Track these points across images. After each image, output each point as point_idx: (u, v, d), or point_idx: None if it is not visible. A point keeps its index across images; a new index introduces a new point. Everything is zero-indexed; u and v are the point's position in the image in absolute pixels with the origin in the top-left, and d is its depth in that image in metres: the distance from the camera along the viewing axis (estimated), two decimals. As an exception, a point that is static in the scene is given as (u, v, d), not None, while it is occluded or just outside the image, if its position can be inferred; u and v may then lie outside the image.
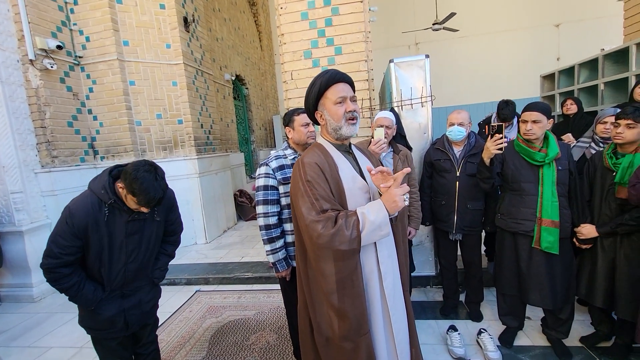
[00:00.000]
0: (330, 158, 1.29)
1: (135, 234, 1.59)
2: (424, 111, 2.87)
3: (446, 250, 2.62)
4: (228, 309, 2.99)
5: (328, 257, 1.19)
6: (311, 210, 1.18)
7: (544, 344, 2.21)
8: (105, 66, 4.15)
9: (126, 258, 1.58)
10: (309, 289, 1.32)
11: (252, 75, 8.05)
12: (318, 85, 1.29)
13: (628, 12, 3.83)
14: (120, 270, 1.59)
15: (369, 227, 1.15)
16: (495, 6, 8.38)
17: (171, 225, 1.81)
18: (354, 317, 1.21)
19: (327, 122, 1.31)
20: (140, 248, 1.62)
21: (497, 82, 8.41)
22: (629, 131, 1.76)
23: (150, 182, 1.42)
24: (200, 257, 4.26)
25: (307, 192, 1.20)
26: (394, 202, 1.16)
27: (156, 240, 1.72)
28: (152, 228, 1.66)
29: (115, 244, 1.54)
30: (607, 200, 1.92)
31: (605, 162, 1.92)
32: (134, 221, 1.57)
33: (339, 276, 1.19)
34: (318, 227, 1.15)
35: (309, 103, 1.34)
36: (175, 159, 4.56)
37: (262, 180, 1.84)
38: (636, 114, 1.73)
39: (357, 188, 1.29)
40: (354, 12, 3.14)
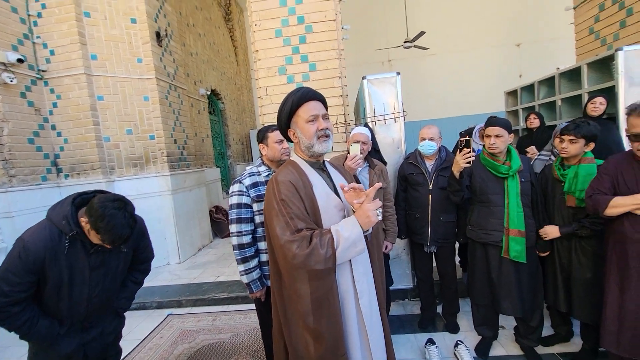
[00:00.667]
0: (304, 176, 1.28)
1: (100, 267, 1.47)
2: (396, 126, 2.94)
3: (422, 263, 2.65)
4: (202, 333, 2.85)
5: (303, 277, 1.16)
6: (285, 230, 1.15)
7: (518, 352, 2.26)
8: (71, 80, 3.98)
9: (89, 292, 1.46)
10: (284, 311, 1.29)
11: (228, 90, 8.01)
12: (290, 103, 1.29)
13: (578, 34, 4.17)
14: (82, 304, 1.46)
15: (344, 244, 1.13)
16: (462, 26, 8.88)
17: (141, 254, 1.70)
18: (331, 338, 1.18)
19: (300, 140, 1.30)
20: (105, 281, 1.51)
21: (465, 98, 8.83)
22: (572, 146, 1.92)
23: (119, 220, 1.31)
24: (173, 278, 4.07)
25: (282, 211, 1.18)
26: (367, 218, 1.15)
27: (123, 270, 1.61)
28: (119, 259, 1.55)
29: (77, 278, 1.42)
30: (559, 209, 2.05)
31: (554, 174, 2.05)
32: (97, 253, 1.45)
33: (315, 296, 1.17)
34: (293, 247, 1.12)
35: (281, 121, 1.34)
36: (146, 176, 4.40)
37: (235, 198, 1.79)
38: (577, 130, 1.88)
39: (332, 206, 1.28)
40: (327, 30, 3.22)
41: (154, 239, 1.89)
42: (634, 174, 1.56)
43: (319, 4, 3.19)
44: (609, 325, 1.63)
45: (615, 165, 1.65)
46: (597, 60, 3.14)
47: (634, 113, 1.48)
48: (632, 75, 2.76)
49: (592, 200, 1.67)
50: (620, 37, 3.48)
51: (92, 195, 1.43)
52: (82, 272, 1.42)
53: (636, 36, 3.29)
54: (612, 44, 3.57)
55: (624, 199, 1.55)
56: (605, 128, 2.69)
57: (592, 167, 1.90)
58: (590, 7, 3.89)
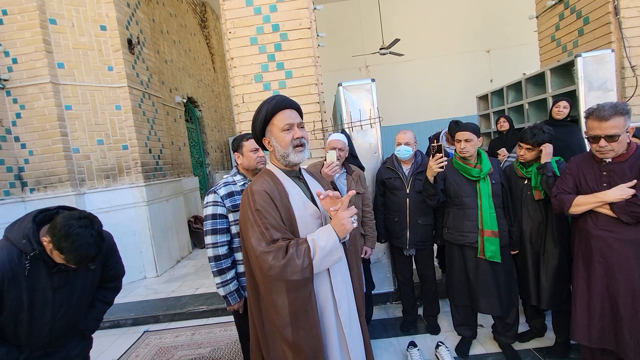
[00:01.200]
0: (280, 185, 1.26)
1: (64, 287, 1.37)
2: (373, 132, 2.99)
3: (402, 266, 2.68)
4: (180, 349, 2.75)
5: (280, 288, 1.14)
6: (261, 240, 1.13)
7: (496, 350, 2.31)
8: (36, 90, 3.80)
9: (53, 315, 1.35)
10: (261, 323, 1.26)
11: (206, 97, 7.89)
12: (264, 112, 1.26)
13: (542, 41, 4.38)
14: (45, 328, 1.35)
15: (320, 253, 1.12)
16: (435, 34, 9.17)
17: (110, 271, 1.59)
18: (309, 350, 1.16)
19: (275, 148, 1.28)
20: (70, 302, 1.40)
21: (440, 102, 9.09)
22: (529, 153, 2.06)
23: (85, 239, 1.22)
24: (149, 292, 3.91)
25: (257, 221, 1.16)
26: (342, 226, 1.15)
27: (91, 289, 1.51)
28: (86, 278, 1.45)
29: (38, 300, 1.31)
30: (526, 204, 2.14)
31: (518, 173, 2.16)
32: (61, 272, 1.34)
33: (293, 308, 1.15)
34: (268, 259, 1.10)
35: (256, 130, 1.31)
36: (119, 187, 4.24)
37: (210, 208, 1.76)
38: (533, 140, 2.00)
39: (309, 214, 1.26)
40: (302, 37, 3.24)
41: (130, 252, 1.82)
42: (594, 173, 1.65)
43: (294, 12, 3.21)
44: (579, 319, 1.70)
45: (577, 165, 1.73)
46: (559, 66, 3.32)
47: (591, 116, 1.57)
48: (590, 80, 2.93)
49: (557, 199, 1.75)
50: (579, 44, 3.69)
51: (55, 212, 1.35)
52: (44, 293, 1.32)
53: (593, 43, 3.50)
54: (572, 51, 3.77)
55: (586, 197, 1.63)
56: (568, 130, 2.84)
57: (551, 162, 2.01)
58: (551, 16, 4.11)
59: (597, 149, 1.57)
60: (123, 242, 4.22)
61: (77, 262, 1.26)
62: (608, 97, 2.91)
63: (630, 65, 3.29)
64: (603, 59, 2.93)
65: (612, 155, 1.56)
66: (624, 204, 1.50)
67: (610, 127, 1.49)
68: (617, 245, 1.55)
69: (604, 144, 1.52)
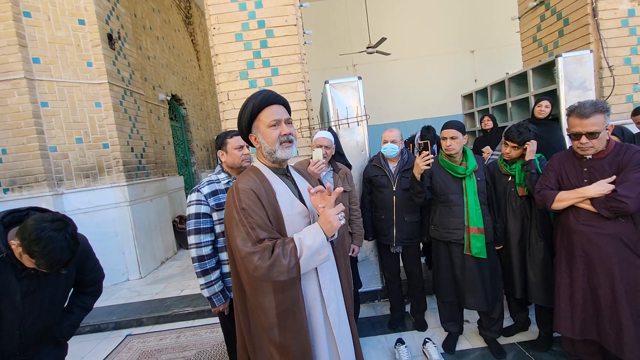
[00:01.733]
0: (266, 183, 1.22)
1: (34, 293, 1.30)
2: (360, 129, 2.98)
3: (389, 263, 2.69)
4: (165, 352, 2.68)
5: (267, 289, 1.11)
6: (247, 240, 1.09)
7: (482, 345, 2.35)
8: (9, 85, 3.63)
9: (21, 322, 1.29)
10: (247, 325, 1.22)
11: (191, 95, 7.73)
12: (250, 107, 1.22)
13: (524, 42, 4.48)
14: (13, 336, 1.28)
15: (307, 252, 1.09)
16: (421, 33, 9.27)
17: (87, 275, 1.52)
18: (297, 351, 1.14)
19: (262, 145, 1.25)
20: (41, 308, 1.33)
21: (426, 101, 9.21)
22: (514, 151, 2.11)
23: (58, 243, 1.17)
24: (132, 295, 3.80)
25: (242, 220, 1.12)
26: (329, 223, 1.12)
27: (64, 294, 1.44)
28: (58, 283, 1.38)
29: (6, 306, 1.25)
30: (509, 200, 2.19)
31: (502, 170, 2.20)
32: (30, 277, 1.28)
33: (280, 309, 1.12)
34: (254, 259, 1.07)
35: (242, 125, 1.27)
36: (100, 187, 4.10)
37: (193, 207, 1.71)
38: (520, 139, 2.04)
39: (296, 213, 1.23)
40: (288, 34, 3.20)
41: (112, 254, 1.76)
42: (575, 170, 1.69)
43: (279, 9, 3.17)
44: (563, 312, 1.74)
45: (559, 162, 1.77)
46: (540, 66, 3.40)
47: (573, 114, 1.60)
48: (570, 79, 3.01)
49: (540, 195, 1.78)
50: (560, 44, 3.79)
51: (25, 214, 1.28)
52: (13, 298, 1.26)
53: (573, 44, 3.60)
54: (553, 51, 3.87)
55: (568, 193, 1.67)
56: (549, 129, 2.90)
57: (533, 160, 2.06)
58: (532, 17, 4.20)
59: (578, 145, 1.60)
60: (104, 244, 4.13)
61: (49, 267, 1.19)
62: (587, 96, 2.99)
63: (608, 66, 3.40)
64: (582, 59, 3.01)
65: (592, 152, 1.60)
66: (604, 199, 1.54)
67: (591, 124, 1.53)
68: (597, 239, 1.59)
69: (585, 140, 1.55)
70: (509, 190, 2.16)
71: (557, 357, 2.13)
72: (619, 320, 1.55)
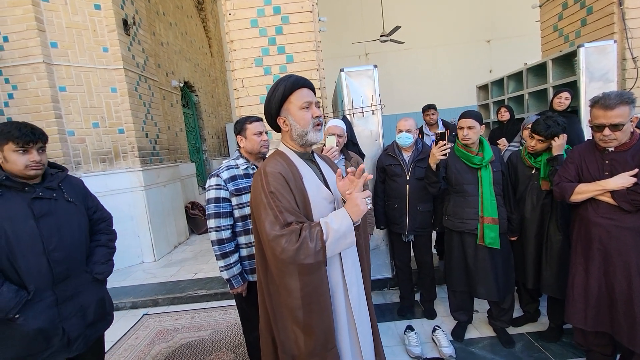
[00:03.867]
0: (294, 167, 1.22)
1: (48, 216, 1.41)
2: (374, 119, 2.97)
3: (400, 252, 2.72)
4: (180, 331, 2.78)
5: (293, 272, 1.13)
6: (275, 224, 1.10)
7: (491, 334, 2.38)
8: (29, 70, 3.70)
9: (45, 245, 1.38)
10: (272, 306, 1.25)
11: (202, 82, 7.75)
12: (282, 89, 1.21)
13: (544, 31, 4.35)
14: (41, 261, 1.38)
15: (334, 236, 1.10)
16: (436, 22, 9.07)
17: (95, 213, 1.67)
18: (321, 332, 1.16)
19: (292, 128, 1.24)
20: (61, 233, 1.44)
21: (439, 92, 9.05)
22: (540, 144, 2.07)
23: (12, 123, 1.38)
24: (147, 276, 3.92)
25: (270, 204, 1.12)
26: (356, 207, 1.13)
27: (80, 225, 1.54)
28: (70, 211, 1.50)
29: (23, 230, 1.35)
30: (530, 194, 2.16)
31: (526, 162, 2.16)
32: (41, 200, 1.41)
33: (305, 291, 1.14)
34: (282, 242, 1.08)
35: (271, 108, 1.25)
36: (116, 172, 4.19)
37: (212, 192, 1.74)
38: (546, 133, 1.99)
39: (323, 198, 1.24)
40: (304, 21, 3.17)
41: (127, 236, 1.84)
42: (596, 162, 1.67)
43: (296, -6, 3.14)
44: (577, 304, 1.75)
45: (580, 154, 1.75)
46: (560, 56, 3.31)
47: (597, 105, 1.57)
48: (592, 70, 2.93)
49: (559, 187, 1.77)
50: (582, 34, 3.68)
51: None
52: (27, 222, 1.36)
53: (596, 34, 3.48)
54: (574, 41, 3.76)
55: (587, 185, 1.65)
56: (568, 121, 2.84)
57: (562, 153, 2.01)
58: (554, 5, 4.07)
59: (601, 137, 1.58)
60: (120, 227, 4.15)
61: (22, 135, 1.35)
62: (609, 88, 2.92)
63: (632, 57, 3.29)
64: (605, 49, 2.92)
65: (615, 144, 1.57)
66: (625, 192, 1.52)
67: (616, 115, 1.50)
68: (616, 232, 1.58)
69: (608, 132, 1.53)
70: (531, 183, 2.14)
71: (566, 348, 2.15)
72: (634, 313, 1.55)
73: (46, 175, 1.49)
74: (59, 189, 1.50)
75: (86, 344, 1.51)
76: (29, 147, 1.36)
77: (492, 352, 2.20)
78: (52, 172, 1.52)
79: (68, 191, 1.52)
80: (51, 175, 1.50)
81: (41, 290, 1.38)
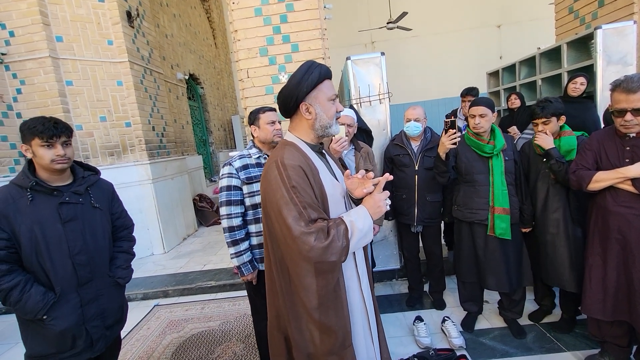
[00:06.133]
0: (309, 160, 1.18)
1: (74, 221, 1.44)
2: (382, 108, 2.91)
3: (409, 243, 2.69)
4: (190, 322, 2.82)
5: (311, 269, 1.09)
6: (299, 220, 1.05)
7: (502, 325, 2.35)
8: (36, 64, 3.71)
9: (70, 249, 1.42)
10: (285, 304, 1.21)
11: (208, 74, 7.71)
12: (317, 74, 1.14)
13: (559, 14, 4.19)
14: (67, 263, 1.41)
15: (358, 235, 1.09)
16: (444, 8, 8.82)
17: (118, 219, 1.69)
18: (339, 330, 1.14)
19: (317, 117, 1.17)
20: (85, 237, 1.47)
21: (448, 79, 8.86)
22: (547, 127, 1.96)
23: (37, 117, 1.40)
24: (158, 268, 3.98)
25: (294, 199, 1.06)
26: (378, 208, 1.12)
27: (104, 231, 1.57)
28: (95, 216, 1.53)
29: (51, 233, 1.39)
30: (543, 182, 2.09)
31: (537, 150, 2.07)
32: (68, 205, 1.44)
33: (324, 290, 1.12)
34: (310, 240, 1.03)
35: (300, 91, 1.14)
36: (124, 165, 4.22)
37: (225, 180, 1.77)
38: (545, 112, 1.92)
39: (338, 193, 1.22)
40: (309, 8, 3.09)
41: (137, 229, 1.85)
42: (616, 149, 1.60)
43: (300, -19, 3.06)
44: (594, 295, 1.71)
45: (598, 141, 1.68)
46: (576, 40, 3.18)
47: (618, 89, 1.49)
48: (609, 53, 2.81)
49: (575, 175, 1.71)
50: (599, 15, 3.52)
51: None
52: (54, 226, 1.40)
53: (614, 15, 3.33)
54: (591, 23, 3.61)
55: (607, 173, 1.59)
56: (584, 107, 2.75)
57: (572, 138, 1.96)
58: (569, -14, 3.91)
59: (622, 123, 1.51)
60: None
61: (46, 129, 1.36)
62: (627, 71, 2.80)
63: (652, 38, 3.14)
64: (624, 31, 2.79)
65: (637, 129, 1.50)
66: None
67: (638, 100, 1.42)
68: (636, 221, 1.52)
69: (630, 117, 1.46)
70: (543, 171, 2.07)
71: (579, 339, 2.12)
72: (653, 302, 1.51)
73: (77, 177, 1.51)
74: (87, 193, 1.52)
75: (106, 344, 1.56)
76: (53, 141, 1.37)
77: (502, 342, 2.18)
78: (83, 175, 1.53)
79: (96, 196, 1.55)
80: (82, 179, 1.52)
81: (67, 292, 1.42)
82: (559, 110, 1.94)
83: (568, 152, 1.93)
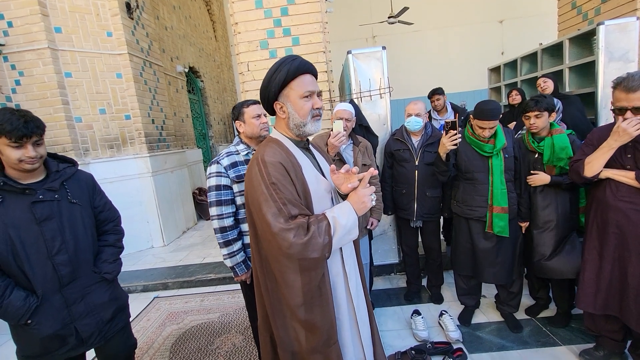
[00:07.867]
0: (292, 156, 1.16)
1: (50, 220, 1.36)
2: (382, 102, 2.90)
3: (408, 238, 2.70)
4: (190, 314, 2.84)
5: (295, 267, 1.08)
6: (279, 216, 1.04)
7: (498, 319, 2.37)
8: (34, 55, 3.68)
9: (48, 250, 1.34)
10: (270, 302, 1.21)
11: (207, 68, 7.66)
12: (285, 72, 1.12)
13: (561, 9, 4.17)
14: (46, 264, 1.34)
15: (341, 231, 1.07)
16: (445, 2, 8.74)
17: (101, 213, 1.59)
18: (323, 327, 1.13)
19: (290, 116, 1.16)
20: (64, 236, 1.38)
21: (449, 74, 8.81)
22: (538, 120, 2.00)
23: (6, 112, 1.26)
24: (157, 261, 4.00)
25: (273, 196, 1.05)
26: (362, 204, 1.10)
27: (85, 227, 1.47)
28: (73, 212, 1.43)
29: (26, 235, 1.31)
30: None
31: (529, 146, 2.11)
32: (42, 203, 1.34)
33: (308, 287, 1.10)
34: (289, 236, 1.02)
35: (270, 91, 1.16)
36: (124, 158, 4.21)
37: (213, 179, 1.70)
38: (539, 106, 1.96)
39: (322, 189, 1.19)
40: (310, 1, 3.07)
41: (136, 222, 1.83)
42: (617, 146, 1.60)
43: (301, -27, 3.03)
44: (587, 288, 1.73)
45: (599, 137, 1.68)
46: (578, 35, 3.17)
47: (619, 87, 1.49)
48: (612, 50, 2.80)
49: (573, 168, 1.73)
50: (602, 11, 3.51)
51: None
52: (29, 227, 1.32)
53: (617, 10, 3.31)
54: (594, 19, 3.59)
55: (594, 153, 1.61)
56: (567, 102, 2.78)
57: (564, 136, 2.00)
58: (573, -19, 3.88)
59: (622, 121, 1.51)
60: (129, 212, 4.30)
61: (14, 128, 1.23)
62: (629, 68, 2.78)
63: (655, 35, 3.13)
64: (627, 27, 2.78)
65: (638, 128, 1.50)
66: None
67: (638, 98, 1.42)
68: (635, 216, 1.52)
69: (630, 116, 1.46)
70: (533, 168, 2.09)
71: (575, 333, 2.14)
72: (646, 298, 1.52)
73: (50, 172, 1.40)
74: (63, 188, 1.42)
75: (104, 337, 1.52)
76: (22, 142, 1.26)
77: (499, 336, 2.21)
78: (58, 169, 1.43)
79: (73, 191, 1.45)
80: (56, 173, 1.41)
81: (49, 294, 1.36)
82: (551, 106, 1.99)
83: (562, 149, 1.97)
